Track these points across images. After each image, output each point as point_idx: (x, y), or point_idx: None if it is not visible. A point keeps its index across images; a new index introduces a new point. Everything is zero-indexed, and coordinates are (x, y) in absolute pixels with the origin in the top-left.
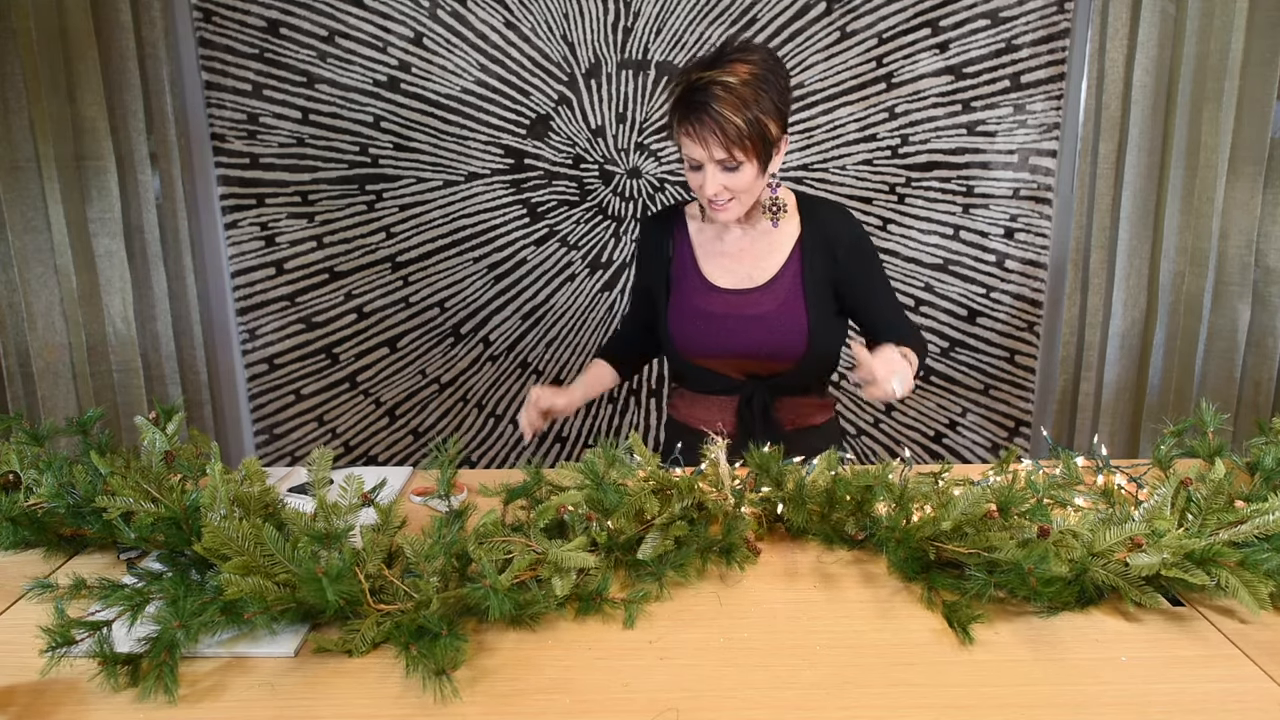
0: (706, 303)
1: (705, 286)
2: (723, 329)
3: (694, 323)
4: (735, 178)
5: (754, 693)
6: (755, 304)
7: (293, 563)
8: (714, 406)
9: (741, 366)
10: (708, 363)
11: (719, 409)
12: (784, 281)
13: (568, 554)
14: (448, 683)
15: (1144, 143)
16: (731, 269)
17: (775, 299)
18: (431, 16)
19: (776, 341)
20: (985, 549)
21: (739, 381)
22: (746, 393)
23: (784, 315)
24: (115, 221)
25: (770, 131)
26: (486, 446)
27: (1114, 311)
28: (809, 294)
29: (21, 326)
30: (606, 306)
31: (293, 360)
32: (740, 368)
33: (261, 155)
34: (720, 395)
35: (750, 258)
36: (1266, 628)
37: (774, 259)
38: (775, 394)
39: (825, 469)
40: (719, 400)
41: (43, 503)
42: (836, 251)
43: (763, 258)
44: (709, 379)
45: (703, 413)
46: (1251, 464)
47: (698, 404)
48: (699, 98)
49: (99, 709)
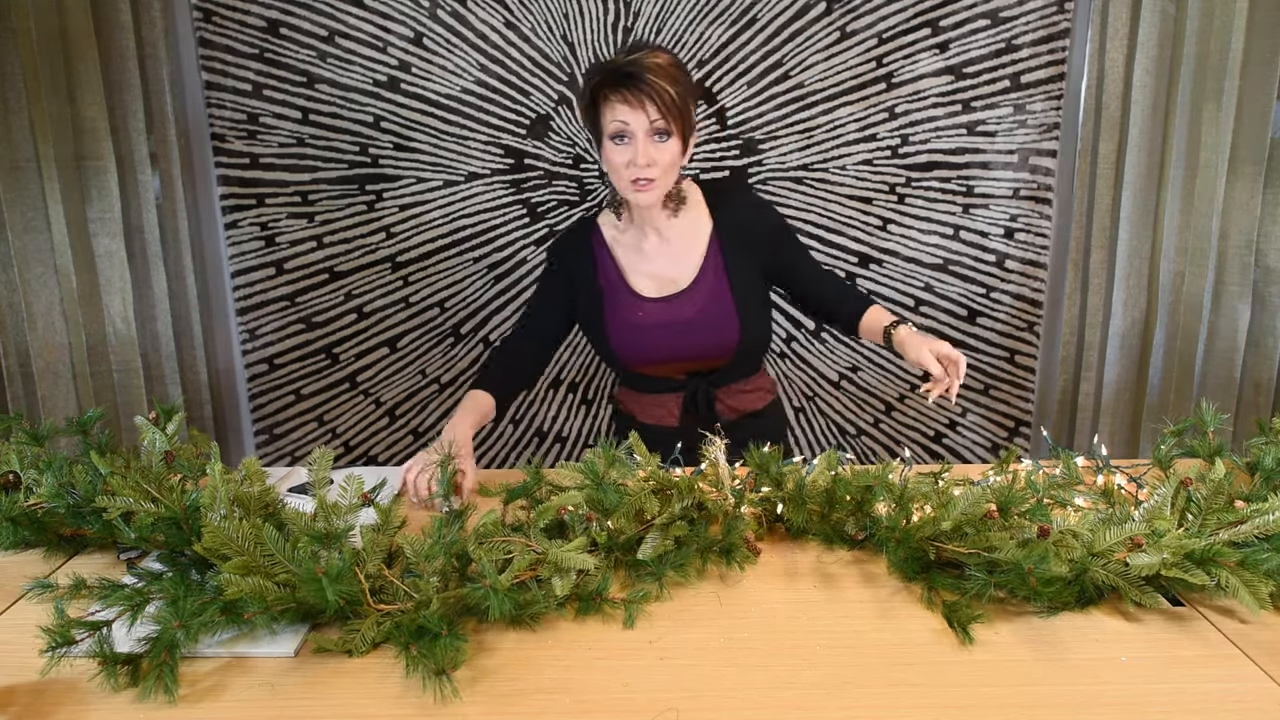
0: (639, 315)
1: (635, 299)
2: (659, 338)
3: (630, 335)
4: (663, 150)
5: (754, 693)
6: (684, 308)
7: (293, 563)
8: (659, 404)
9: (681, 368)
10: (649, 369)
11: (664, 406)
12: (707, 279)
13: (568, 554)
14: (448, 683)
15: (1144, 143)
16: (655, 276)
17: (702, 299)
18: (431, 16)
19: (711, 341)
20: (985, 549)
21: (681, 381)
22: (690, 389)
23: (714, 314)
24: (115, 221)
25: (691, 115)
26: (486, 446)
27: (1114, 311)
28: (734, 287)
29: (21, 326)
30: None
31: (293, 360)
32: (680, 369)
33: (261, 155)
34: (665, 394)
35: (669, 261)
36: (1266, 628)
37: (693, 258)
38: (716, 386)
39: (825, 469)
40: (663, 398)
41: (43, 503)
42: (756, 240)
43: (681, 259)
44: (652, 382)
45: (649, 409)
46: (1251, 464)
47: (642, 401)
48: (631, 69)
49: (99, 709)
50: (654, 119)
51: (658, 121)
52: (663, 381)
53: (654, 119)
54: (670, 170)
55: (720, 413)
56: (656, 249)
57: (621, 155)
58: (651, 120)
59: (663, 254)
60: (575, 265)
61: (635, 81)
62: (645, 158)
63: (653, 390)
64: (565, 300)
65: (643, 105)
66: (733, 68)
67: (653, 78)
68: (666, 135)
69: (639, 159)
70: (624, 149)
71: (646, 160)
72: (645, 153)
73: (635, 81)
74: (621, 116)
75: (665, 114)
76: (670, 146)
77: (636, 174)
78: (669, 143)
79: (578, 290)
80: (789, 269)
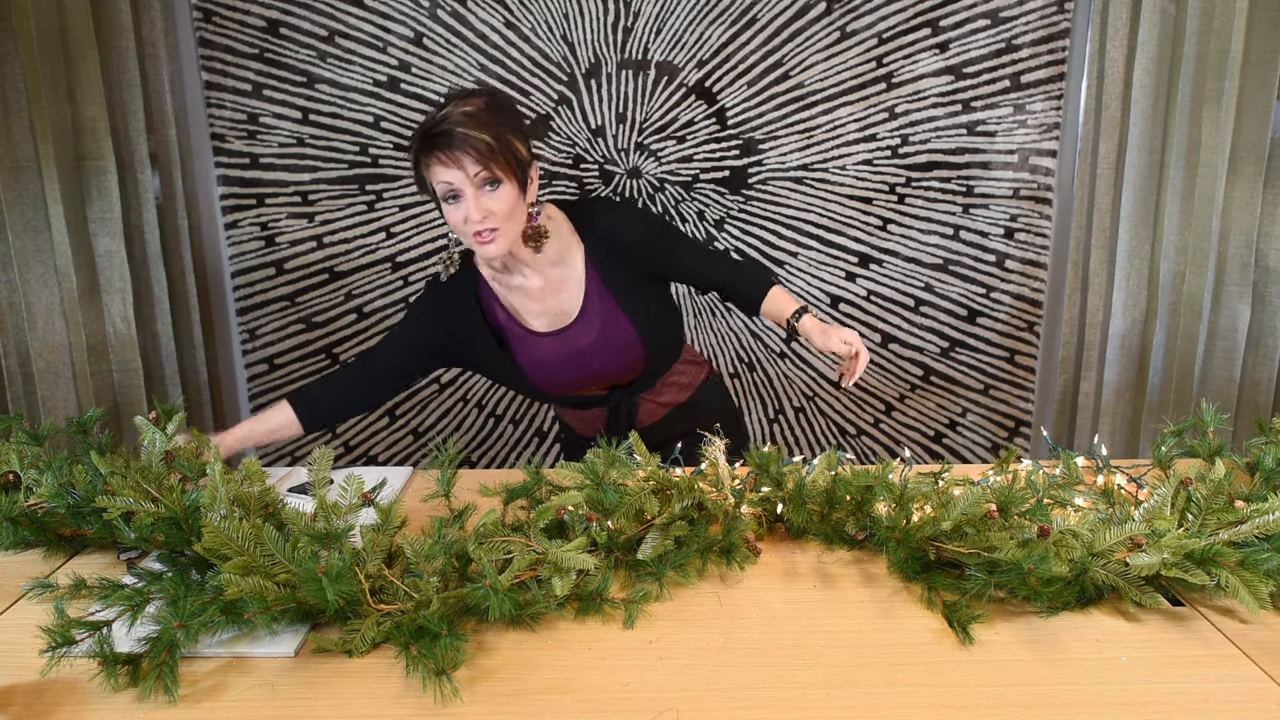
0: (538, 351)
1: (533, 336)
2: (570, 369)
3: (543, 371)
4: (496, 199)
5: (754, 693)
6: (581, 337)
7: (293, 563)
8: (588, 418)
9: (604, 384)
10: (570, 393)
11: (594, 420)
12: (593, 303)
13: (568, 554)
14: (448, 683)
15: (1144, 142)
16: (543, 313)
17: (597, 324)
18: (431, 16)
19: (615, 363)
20: (985, 549)
21: (603, 396)
22: (612, 403)
23: (610, 336)
24: (115, 221)
25: (520, 151)
26: (486, 446)
27: (1114, 311)
28: (622, 303)
29: (21, 326)
30: None
31: (293, 360)
32: (604, 386)
33: (261, 155)
34: (591, 409)
35: (551, 294)
36: (1266, 628)
37: (572, 286)
38: (636, 393)
39: (825, 469)
40: (590, 413)
41: (43, 503)
42: (625, 246)
43: (561, 289)
44: (577, 401)
45: (581, 424)
46: (1251, 464)
47: (574, 417)
48: (443, 128)
49: (99, 709)
50: (474, 172)
51: (480, 173)
52: (585, 399)
53: (474, 172)
54: (512, 217)
55: (650, 412)
56: (536, 285)
57: (457, 214)
58: (473, 174)
59: (544, 289)
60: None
61: (446, 140)
62: (479, 212)
63: (580, 407)
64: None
65: (458, 162)
66: (733, 68)
67: (463, 130)
68: (496, 183)
69: (473, 214)
70: (457, 207)
71: (480, 214)
72: (478, 206)
73: (446, 140)
74: (443, 178)
75: (484, 164)
76: (503, 194)
77: (475, 228)
78: (500, 190)
79: (462, 343)
80: (670, 264)
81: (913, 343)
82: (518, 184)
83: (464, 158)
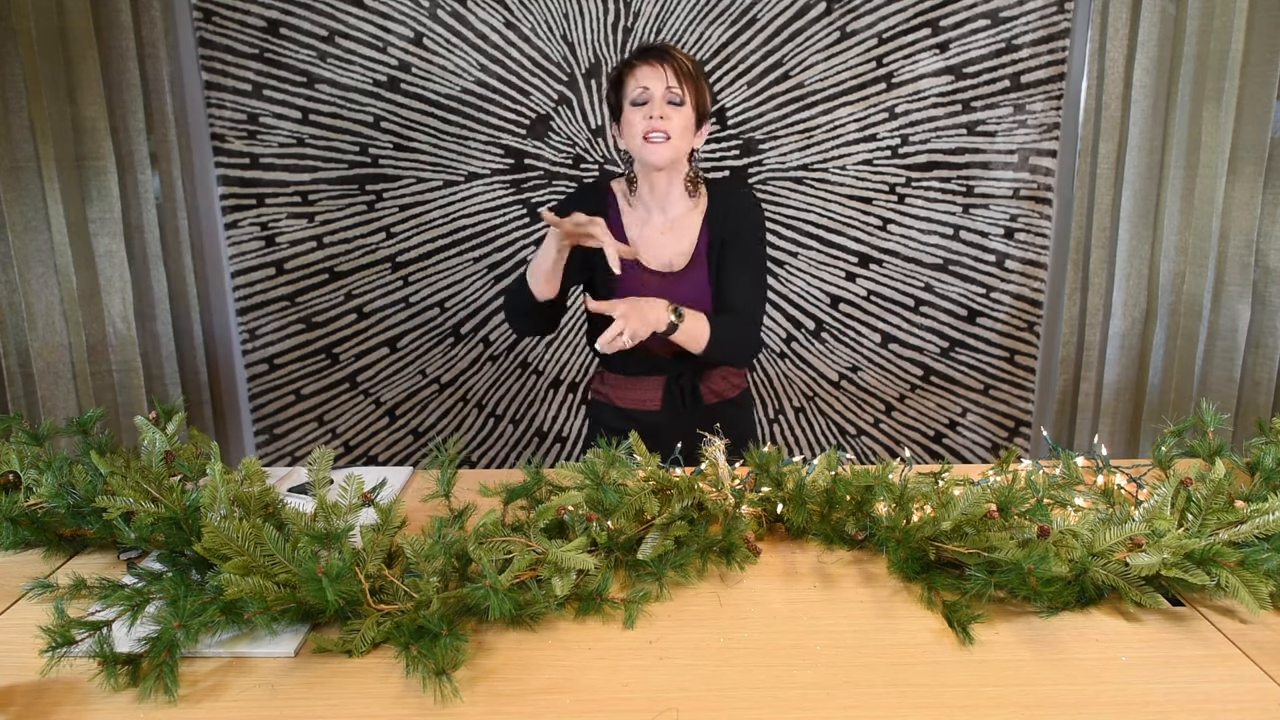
0: (644, 286)
1: (642, 270)
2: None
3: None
4: (677, 114)
5: (754, 693)
6: (679, 290)
7: (293, 563)
8: (641, 387)
9: (671, 347)
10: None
11: (647, 389)
12: (698, 263)
13: (568, 554)
14: (448, 683)
15: (1144, 143)
16: (657, 254)
17: (693, 284)
18: (431, 16)
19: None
20: (985, 549)
21: (668, 361)
22: (675, 372)
23: (700, 297)
24: (115, 221)
25: (706, 98)
26: (486, 446)
27: (1114, 311)
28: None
29: (21, 326)
30: None
31: (293, 360)
32: (670, 348)
33: (261, 155)
34: (648, 377)
35: (671, 242)
36: (1266, 628)
37: (687, 243)
38: (701, 369)
39: (825, 469)
40: (646, 381)
41: (43, 503)
42: (729, 218)
43: (679, 241)
44: (640, 362)
45: (630, 393)
46: (1251, 464)
47: (624, 385)
48: (657, 46)
49: (99, 709)
50: (670, 84)
51: (674, 88)
52: (649, 361)
53: (670, 84)
54: (683, 136)
55: (702, 396)
56: (659, 228)
57: (637, 114)
58: (668, 85)
59: (665, 234)
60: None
61: (660, 52)
62: (660, 111)
63: (637, 372)
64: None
65: (662, 72)
66: (733, 68)
67: (673, 52)
68: (681, 104)
69: (655, 112)
70: (639, 110)
71: (661, 113)
72: (661, 108)
73: (660, 52)
74: (643, 82)
75: (681, 81)
76: (684, 114)
77: (654, 125)
78: (682, 110)
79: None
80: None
81: (913, 343)
82: (695, 118)
83: (668, 70)
